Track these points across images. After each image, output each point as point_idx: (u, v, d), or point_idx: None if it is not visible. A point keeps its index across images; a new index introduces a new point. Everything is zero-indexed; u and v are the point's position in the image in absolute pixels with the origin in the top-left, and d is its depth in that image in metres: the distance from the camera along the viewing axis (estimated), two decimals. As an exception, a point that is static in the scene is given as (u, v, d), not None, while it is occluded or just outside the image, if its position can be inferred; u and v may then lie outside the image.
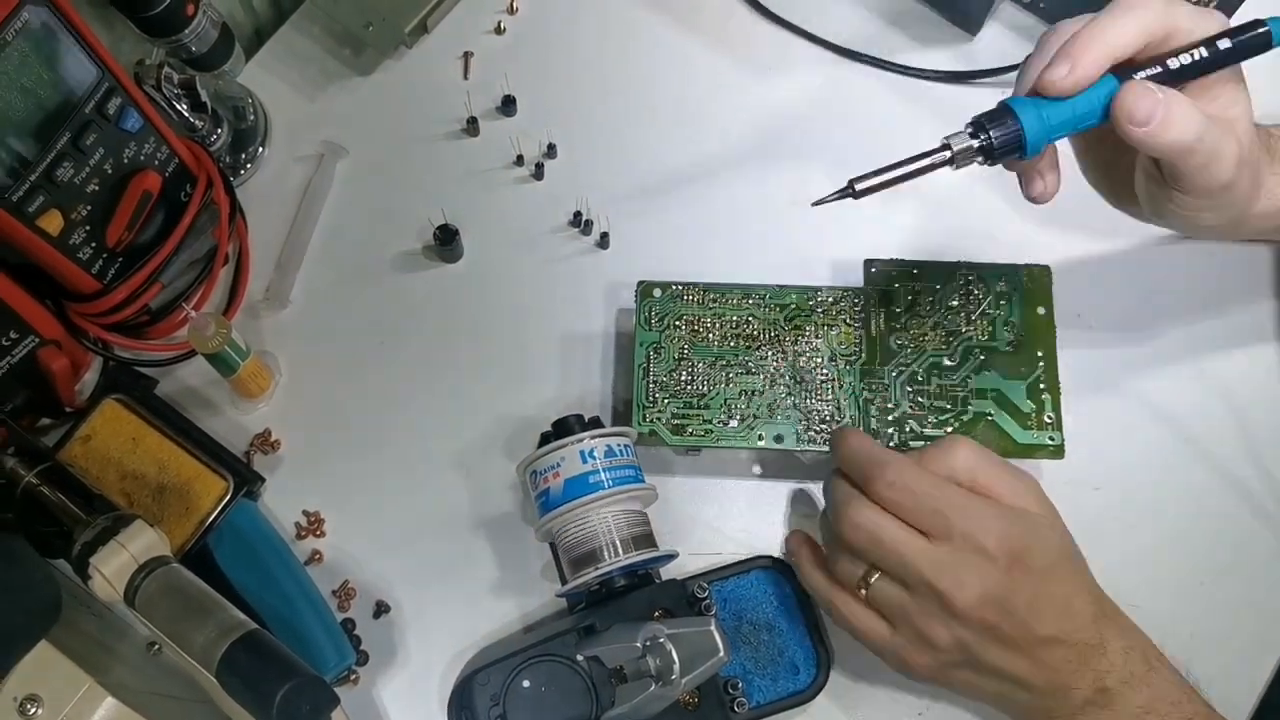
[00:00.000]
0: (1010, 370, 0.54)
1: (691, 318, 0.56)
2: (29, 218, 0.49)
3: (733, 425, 0.54)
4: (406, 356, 0.60)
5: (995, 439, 0.53)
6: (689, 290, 0.56)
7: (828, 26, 0.67)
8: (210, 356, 0.53)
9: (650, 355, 0.55)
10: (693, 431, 0.54)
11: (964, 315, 0.55)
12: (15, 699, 0.42)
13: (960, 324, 0.55)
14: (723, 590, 0.53)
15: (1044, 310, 0.55)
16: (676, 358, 0.55)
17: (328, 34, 0.67)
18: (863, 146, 0.64)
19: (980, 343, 0.55)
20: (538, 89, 0.65)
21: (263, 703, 0.41)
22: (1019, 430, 0.53)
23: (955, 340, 0.55)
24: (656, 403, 0.54)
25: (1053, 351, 0.55)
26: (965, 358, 0.55)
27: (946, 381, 0.54)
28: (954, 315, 0.55)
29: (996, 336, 0.55)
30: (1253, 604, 0.56)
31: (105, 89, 0.50)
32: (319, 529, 0.56)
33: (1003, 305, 0.55)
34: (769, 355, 0.55)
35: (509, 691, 0.49)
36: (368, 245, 0.62)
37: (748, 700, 0.51)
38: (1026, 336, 0.55)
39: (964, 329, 0.55)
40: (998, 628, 0.45)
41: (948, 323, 0.55)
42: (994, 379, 0.54)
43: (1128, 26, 0.44)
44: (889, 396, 0.54)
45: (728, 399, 0.54)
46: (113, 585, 0.45)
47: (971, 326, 0.55)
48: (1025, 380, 0.54)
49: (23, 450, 0.50)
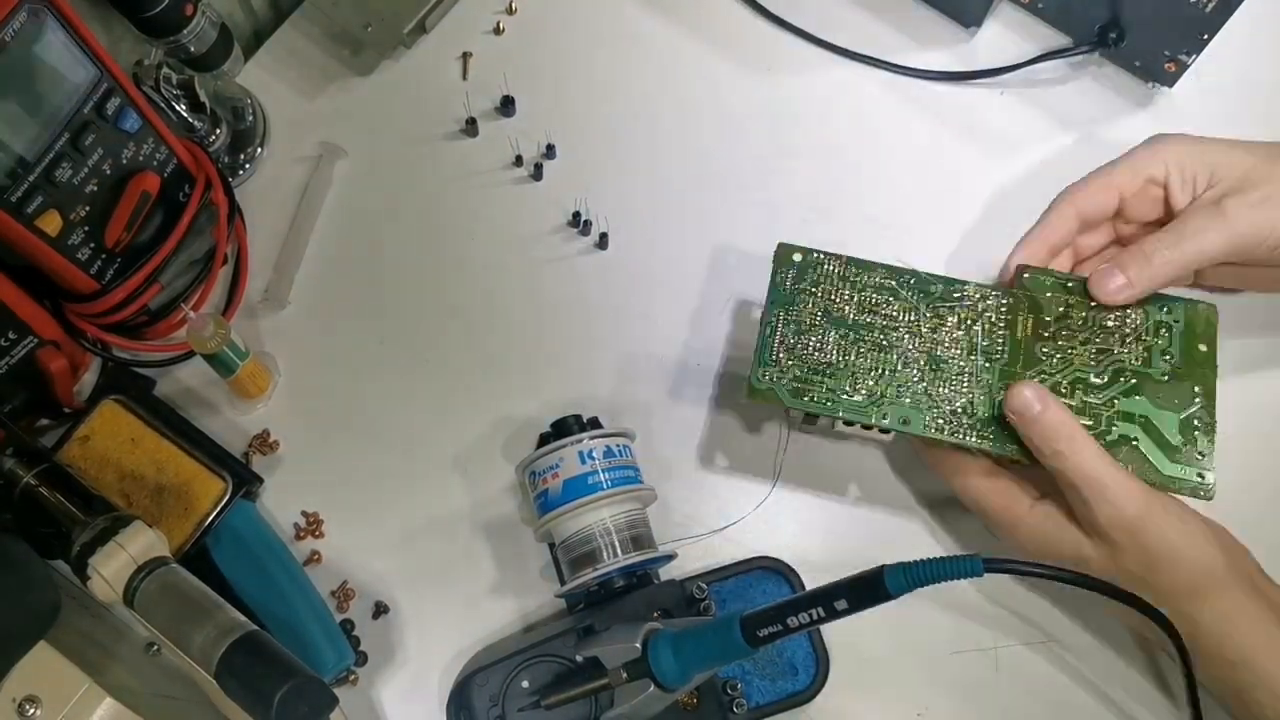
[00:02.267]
0: (1163, 400, 0.51)
1: (830, 287, 0.53)
2: (28, 218, 0.49)
3: (858, 399, 0.51)
4: (405, 357, 0.60)
5: (1138, 466, 0.50)
6: (830, 259, 0.54)
7: (827, 27, 0.67)
8: (209, 357, 0.53)
9: (780, 315, 0.53)
10: (814, 398, 0.51)
11: (1119, 337, 0.52)
12: (14, 700, 0.42)
13: (1114, 344, 0.52)
14: (721, 591, 0.53)
15: (1206, 348, 0.52)
16: (809, 323, 0.53)
17: (326, 34, 0.67)
18: (863, 147, 0.65)
19: (1134, 367, 0.52)
20: (537, 89, 0.65)
21: (261, 703, 0.41)
22: (1165, 461, 0.50)
23: (1106, 359, 0.52)
24: (779, 363, 0.52)
25: (1212, 391, 0.51)
26: (1115, 378, 0.52)
27: (1091, 399, 0.51)
28: (1108, 335, 0.52)
29: (1153, 364, 0.52)
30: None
31: (104, 89, 0.50)
32: (318, 530, 0.56)
33: (1163, 334, 0.52)
34: (906, 337, 0.53)
35: (508, 692, 0.49)
36: (367, 246, 0.62)
37: (747, 701, 0.51)
38: (1185, 370, 0.52)
39: (1117, 350, 0.52)
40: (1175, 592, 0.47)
41: (1100, 340, 0.52)
42: (1144, 404, 0.51)
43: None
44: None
45: (856, 371, 0.52)
46: (111, 586, 0.45)
47: (1126, 349, 0.52)
48: (1180, 413, 0.51)
49: (21, 451, 0.50)
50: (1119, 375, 0.52)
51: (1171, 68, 0.62)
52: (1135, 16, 0.61)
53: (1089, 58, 0.66)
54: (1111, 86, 0.66)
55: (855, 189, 0.63)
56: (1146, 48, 0.62)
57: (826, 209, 0.63)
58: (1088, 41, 0.64)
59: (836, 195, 0.63)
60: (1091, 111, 0.65)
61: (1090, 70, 0.66)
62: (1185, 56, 0.61)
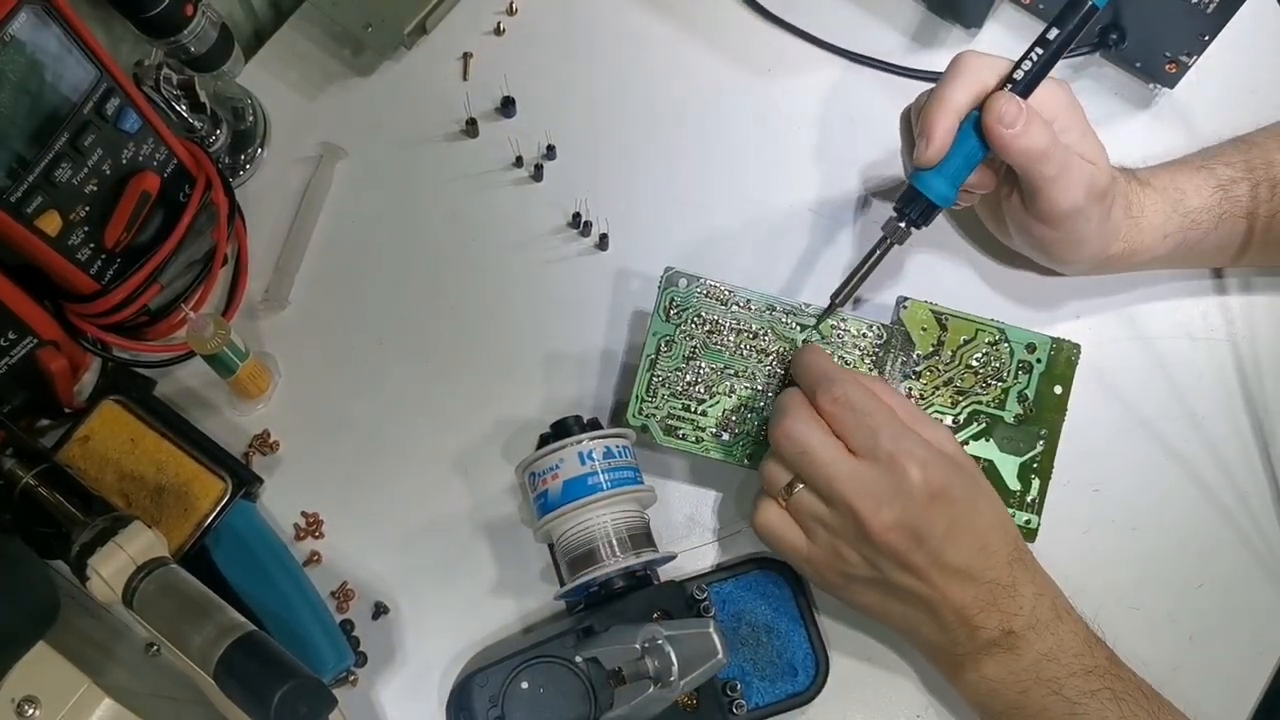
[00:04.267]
0: (1009, 444, 0.54)
1: (712, 318, 0.54)
2: (27, 218, 0.49)
3: (725, 438, 0.53)
4: (405, 358, 0.60)
5: None
6: (715, 290, 0.54)
7: (828, 28, 0.67)
8: (209, 357, 0.53)
9: (661, 347, 0.54)
10: (684, 435, 0.53)
11: (981, 377, 0.54)
12: (13, 700, 0.42)
13: (975, 385, 0.54)
14: (721, 592, 0.53)
15: (1060, 390, 0.54)
16: (686, 356, 0.54)
17: (327, 35, 0.67)
18: (863, 148, 0.65)
19: (987, 409, 0.54)
20: (537, 90, 0.65)
21: (261, 704, 0.41)
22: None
23: (964, 400, 0.54)
24: (656, 397, 0.53)
25: (1056, 433, 0.54)
26: (970, 421, 0.54)
27: None
28: (971, 375, 0.54)
29: (1006, 407, 0.54)
30: (1250, 606, 0.56)
31: (104, 89, 0.50)
32: (318, 530, 0.56)
33: (1021, 376, 0.54)
34: (779, 373, 0.54)
35: (507, 693, 0.49)
36: (367, 246, 0.62)
37: (746, 702, 0.51)
38: (1035, 413, 0.54)
39: (975, 390, 0.54)
40: (908, 556, 0.46)
41: (961, 381, 0.54)
42: (989, 449, 0.54)
43: (958, 91, 0.51)
44: None
45: (725, 408, 0.53)
46: (111, 586, 0.45)
47: (985, 390, 0.54)
48: (1020, 457, 0.54)
49: (21, 451, 0.50)
50: (973, 419, 0.54)
51: (1172, 68, 0.62)
52: (1136, 17, 0.61)
53: (1090, 59, 0.66)
54: (1112, 87, 0.66)
55: (856, 189, 0.63)
56: (1147, 49, 0.62)
57: (827, 209, 0.63)
58: (1088, 42, 0.64)
59: (837, 195, 0.63)
60: (1093, 112, 0.64)
61: (1091, 71, 0.66)
62: (1186, 57, 0.61)
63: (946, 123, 0.51)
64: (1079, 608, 0.49)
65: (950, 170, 0.51)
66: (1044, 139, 0.50)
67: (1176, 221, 0.56)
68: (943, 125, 0.51)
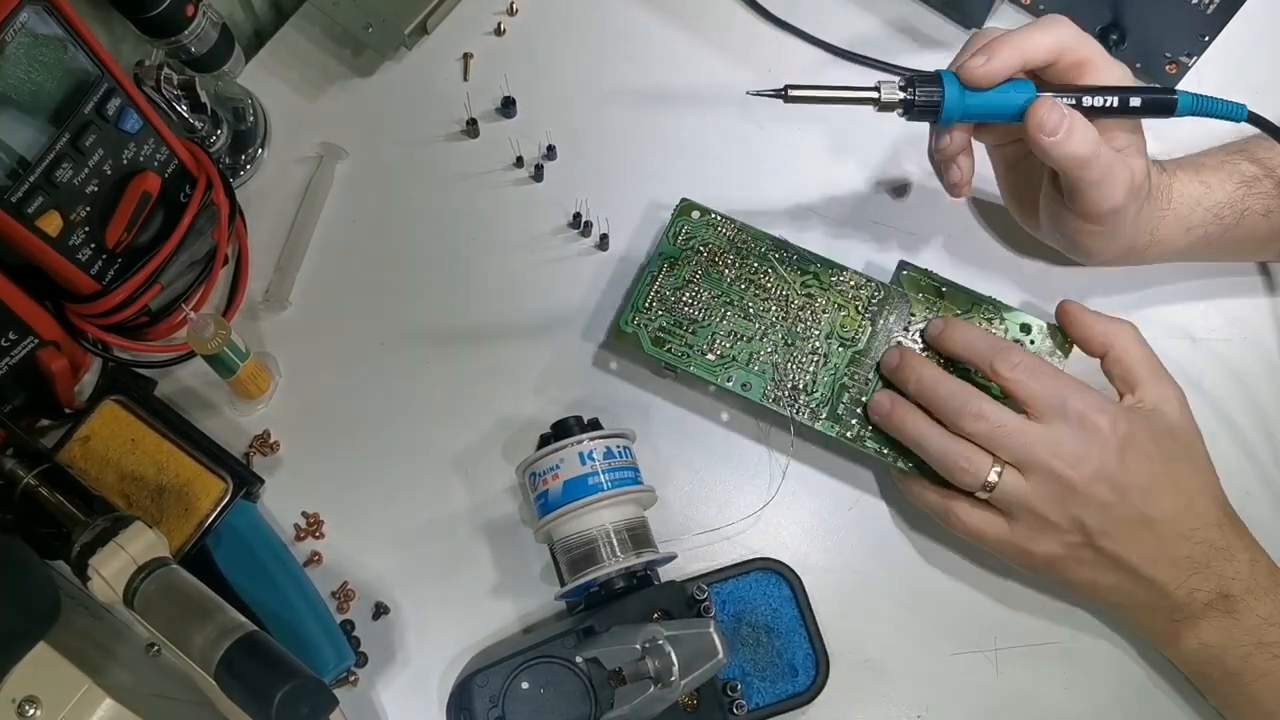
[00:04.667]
0: None
1: (716, 249, 0.56)
2: (28, 218, 0.49)
3: (709, 358, 0.54)
4: (406, 358, 0.60)
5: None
6: (725, 222, 0.57)
7: (828, 29, 0.67)
8: (209, 358, 0.53)
9: (664, 268, 0.56)
10: (671, 349, 0.54)
11: None
12: (14, 700, 0.42)
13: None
14: (722, 592, 0.53)
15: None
16: (686, 279, 0.56)
17: (327, 35, 0.67)
18: (864, 148, 0.65)
19: (974, 379, 0.53)
20: (537, 90, 0.65)
21: (261, 704, 0.41)
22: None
23: (950, 370, 0.53)
24: (650, 310, 0.55)
25: None
26: None
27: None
28: None
29: (993, 384, 0.53)
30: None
31: (105, 90, 0.50)
32: (318, 530, 0.56)
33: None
34: (772, 309, 0.55)
35: (508, 693, 0.49)
36: (367, 246, 0.62)
37: (747, 702, 0.51)
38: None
39: (964, 365, 0.53)
40: (1114, 509, 0.47)
41: None
42: None
43: (1043, 39, 0.49)
44: (865, 391, 0.54)
45: (715, 333, 0.55)
46: (111, 587, 0.45)
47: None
48: None
49: (22, 451, 0.50)
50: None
51: (1173, 69, 0.62)
52: (1136, 18, 0.61)
53: (1090, 59, 0.66)
54: (1112, 88, 0.66)
55: (856, 189, 0.63)
56: (1148, 49, 0.62)
57: (827, 209, 0.63)
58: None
59: (837, 195, 0.63)
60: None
61: (1091, 71, 0.66)
62: (1186, 58, 0.61)
63: (1013, 60, 0.49)
64: None
65: (978, 100, 0.50)
66: (1087, 146, 0.48)
67: (1200, 215, 0.55)
68: (1006, 55, 0.49)
